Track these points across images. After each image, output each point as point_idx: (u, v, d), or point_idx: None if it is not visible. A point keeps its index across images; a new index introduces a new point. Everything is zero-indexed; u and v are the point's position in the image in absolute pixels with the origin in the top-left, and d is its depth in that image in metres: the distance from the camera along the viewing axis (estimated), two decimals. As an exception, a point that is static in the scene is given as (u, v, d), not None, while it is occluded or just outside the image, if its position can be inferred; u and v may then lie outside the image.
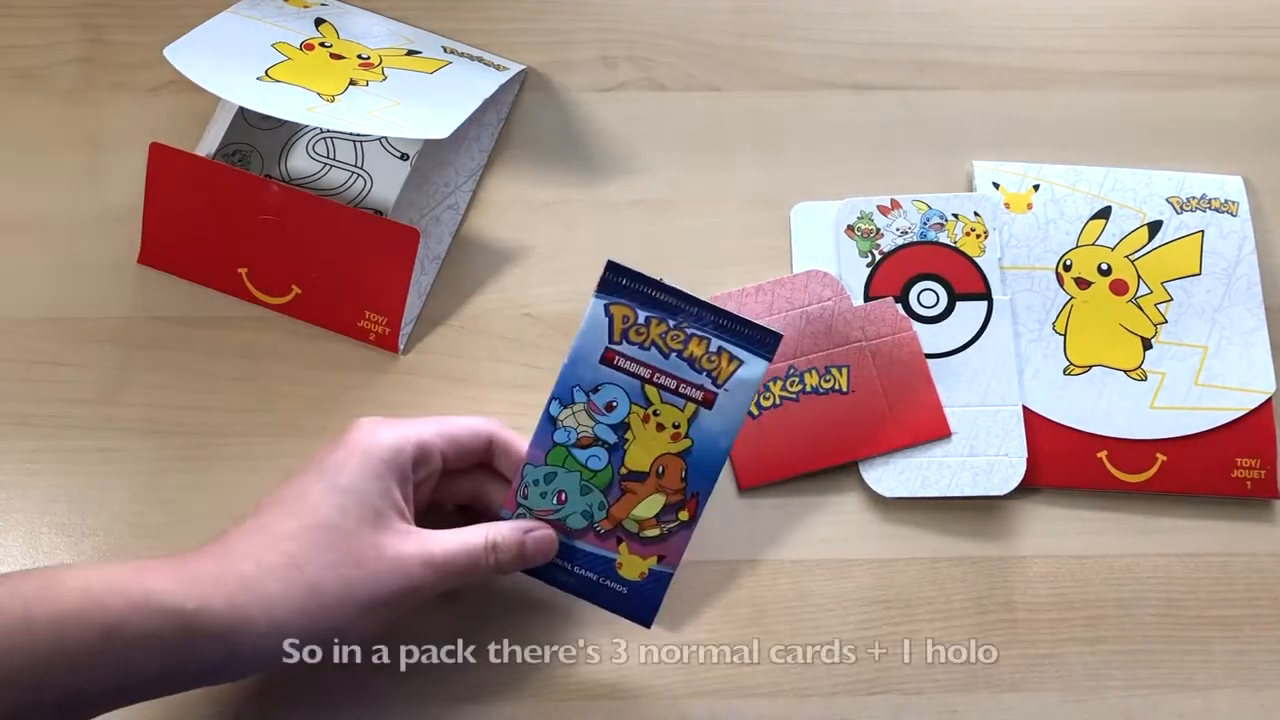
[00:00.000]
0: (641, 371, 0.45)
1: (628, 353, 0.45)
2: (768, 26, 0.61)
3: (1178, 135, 0.59)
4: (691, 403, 0.45)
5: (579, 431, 0.45)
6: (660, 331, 0.45)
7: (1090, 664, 0.51)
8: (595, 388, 0.45)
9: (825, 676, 0.50)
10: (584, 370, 0.45)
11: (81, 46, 0.59)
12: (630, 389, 0.45)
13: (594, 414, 0.45)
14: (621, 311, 0.45)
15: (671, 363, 0.45)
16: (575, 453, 0.46)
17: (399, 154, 0.57)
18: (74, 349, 0.54)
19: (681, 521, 0.46)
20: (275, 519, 0.43)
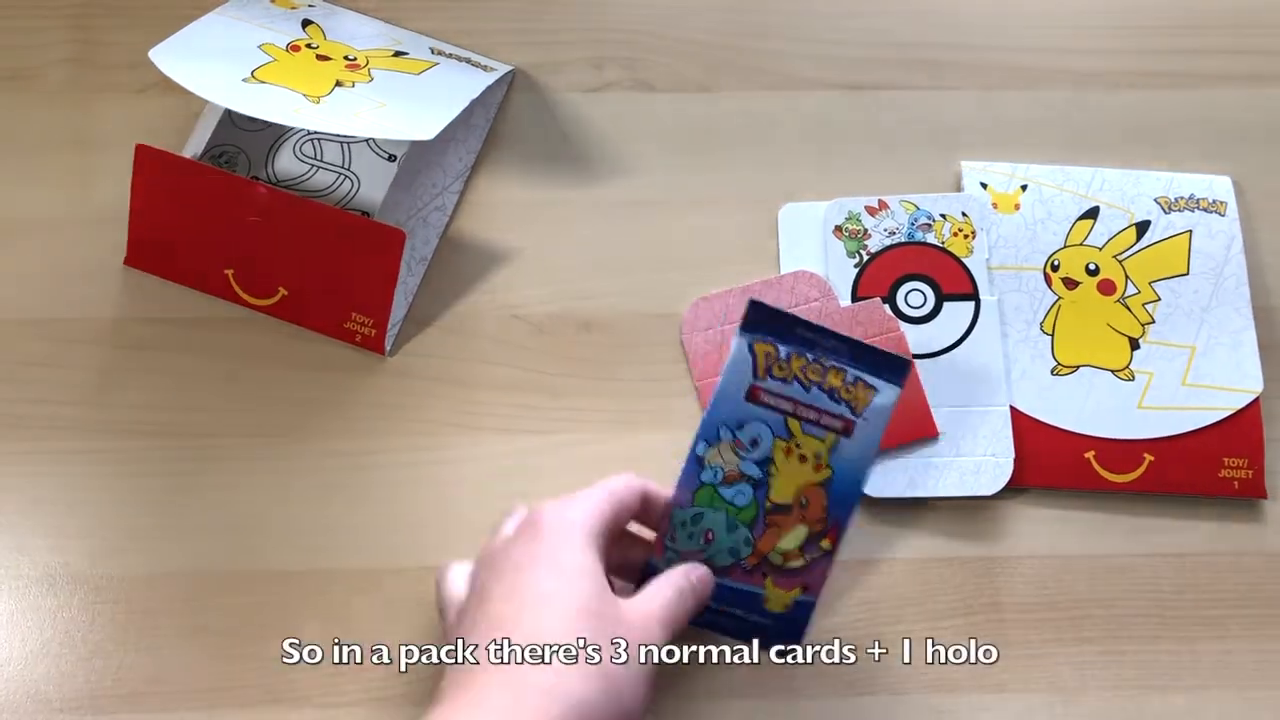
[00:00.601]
0: (785, 405, 0.46)
1: (772, 388, 0.46)
2: (756, 27, 0.61)
3: (1166, 135, 0.59)
4: (832, 433, 0.46)
5: (725, 469, 0.46)
6: (800, 365, 0.46)
7: (1077, 664, 0.50)
8: (740, 424, 0.46)
9: (814, 677, 0.50)
10: (729, 408, 0.46)
11: (69, 47, 0.59)
12: (773, 423, 0.46)
13: (739, 450, 0.46)
14: (764, 349, 0.46)
15: (813, 395, 0.46)
16: (722, 491, 0.46)
17: (386, 155, 0.57)
18: (61, 350, 0.54)
19: (824, 551, 0.46)
20: (528, 620, 0.40)
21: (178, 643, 0.50)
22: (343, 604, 0.51)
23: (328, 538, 0.52)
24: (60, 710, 0.49)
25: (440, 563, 0.46)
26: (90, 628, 0.50)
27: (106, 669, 0.50)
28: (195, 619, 0.50)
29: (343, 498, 0.52)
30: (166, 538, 0.52)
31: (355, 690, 0.49)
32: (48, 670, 0.50)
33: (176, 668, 0.50)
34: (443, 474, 0.53)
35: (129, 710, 0.49)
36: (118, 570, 0.51)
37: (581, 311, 0.56)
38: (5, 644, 0.50)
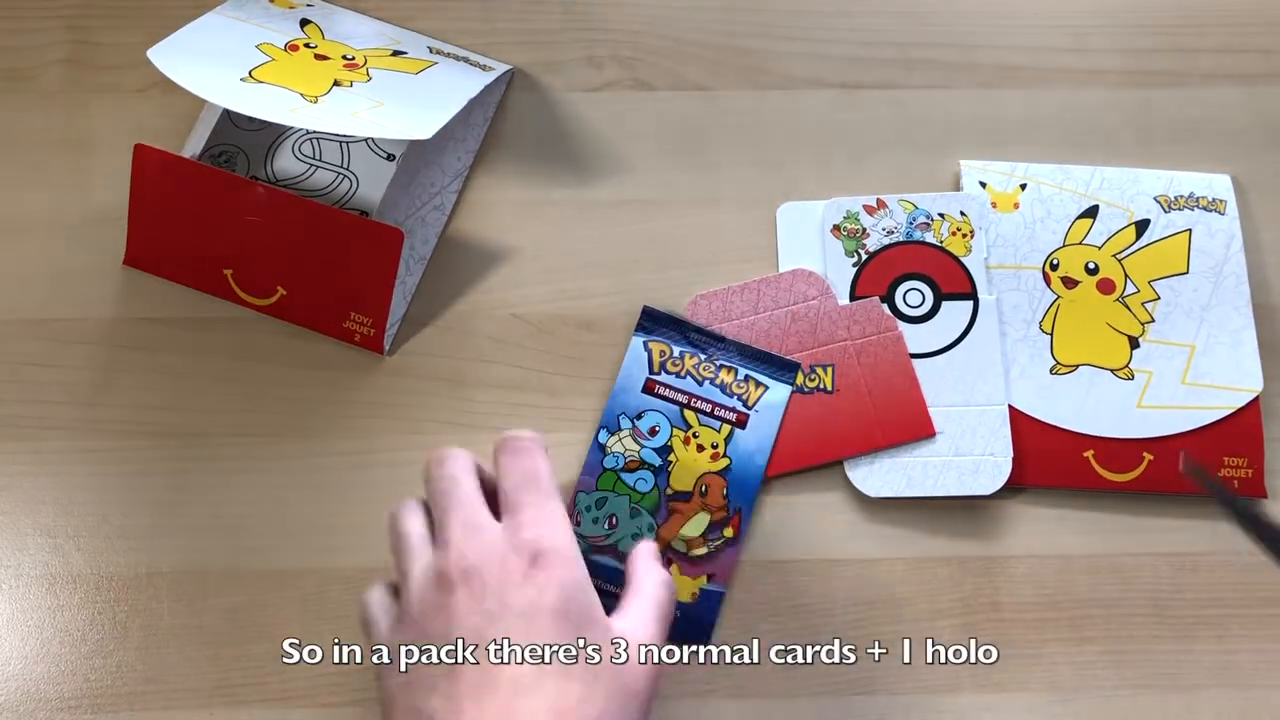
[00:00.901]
0: (680, 398, 0.51)
1: (667, 381, 0.51)
2: (754, 26, 0.61)
3: (1165, 134, 0.59)
4: (726, 424, 0.50)
5: (626, 456, 0.50)
6: (694, 364, 0.51)
7: (1076, 664, 0.50)
8: (639, 414, 0.51)
9: (812, 677, 0.50)
10: (628, 399, 0.51)
11: (67, 48, 0.59)
12: (671, 414, 0.51)
13: (639, 439, 0.50)
14: (658, 347, 0.52)
15: (706, 389, 0.51)
16: (624, 477, 0.50)
17: (385, 155, 0.57)
18: (60, 350, 0.54)
19: (727, 539, 0.49)
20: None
21: (177, 642, 0.50)
22: (342, 604, 0.51)
23: (327, 537, 0.52)
24: (60, 709, 0.49)
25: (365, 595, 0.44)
26: (89, 627, 0.50)
27: (106, 668, 0.50)
28: (194, 619, 0.50)
29: (342, 497, 0.52)
30: (166, 537, 0.52)
31: (355, 690, 0.50)
32: (47, 670, 0.50)
33: (176, 667, 0.50)
34: (441, 473, 0.53)
35: (128, 709, 0.49)
36: (117, 570, 0.51)
37: (580, 311, 0.56)
38: (5, 644, 0.50)
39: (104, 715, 0.49)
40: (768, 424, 0.50)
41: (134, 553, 0.51)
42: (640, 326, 0.52)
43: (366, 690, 0.50)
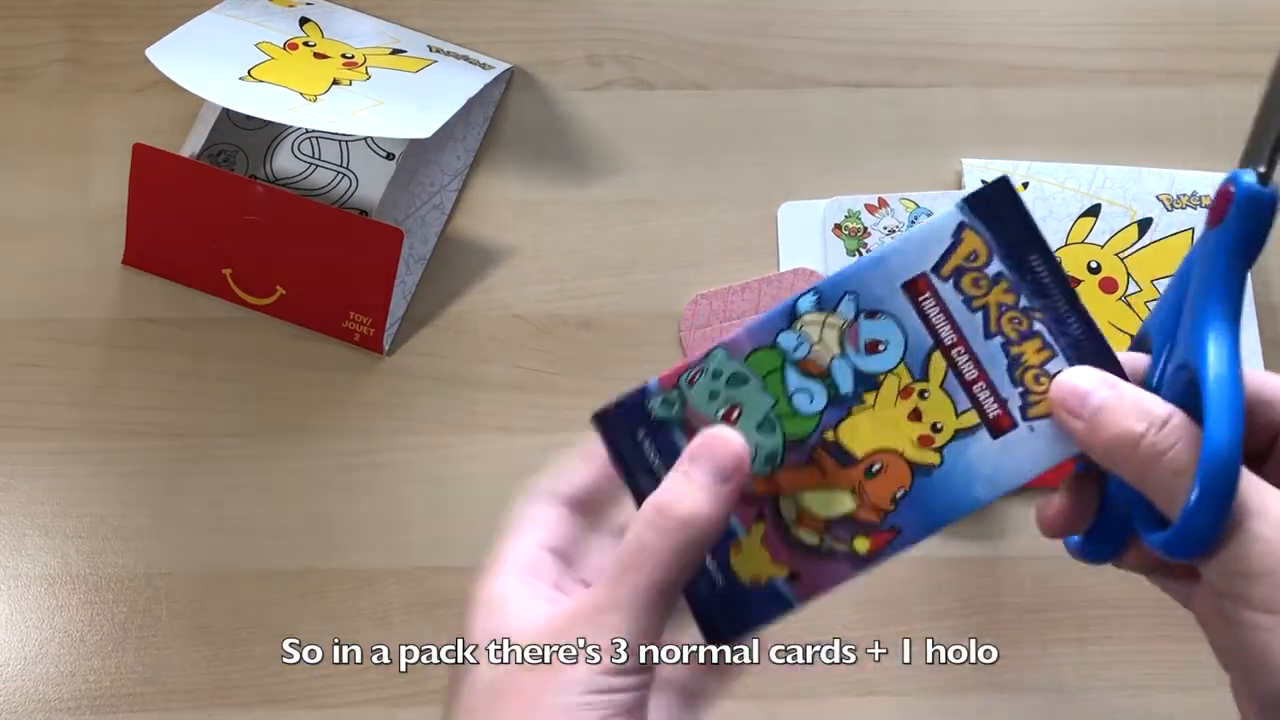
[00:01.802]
0: (945, 332, 0.32)
1: (945, 297, 0.32)
2: (755, 24, 0.61)
3: (1168, 132, 0.59)
4: (977, 412, 0.32)
5: (813, 350, 0.33)
6: (1003, 301, 0.32)
7: (1078, 664, 0.50)
8: (873, 312, 0.32)
9: (814, 678, 0.50)
10: (875, 280, 0.32)
11: (66, 47, 0.59)
12: (914, 342, 0.32)
13: (847, 342, 0.32)
14: (974, 244, 0.32)
15: (988, 346, 0.32)
16: (790, 373, 0.33)
17: (384, 154, 0.57)
18: (59, 351, 0.54)
19: (852, 551, 0.32)
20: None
21: (176, 643, 0.50)
22: (341, 604, 0.51)
23: (326, 537, 0.52)
24: (59, 710, 0.49)
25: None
26: (88, 628, 0.50)
27: (105, 669, 0.50)
28: (194, 619, 0.50)
29: (341, 497, 0.52)
30: (165, 537, 0.51)
31: (355, 690, 0.49)
32: (47, 670, 0.50)
33: (175, 668, 0.50)
34: (442, 473, 0.53)
35: (128, 710, 0.49)
36: (116, 570, 0.51)
37: (580, 310, 0.55)
38: (4, 644, 0.50)
39: (103, 716, 0.49)
40: (1030, 456, 0.32)
41: (133, 553, 0.51)
42: (976, 200, 0.32)
43: (366, 690, 0.50)
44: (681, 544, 0.30)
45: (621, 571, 0.30)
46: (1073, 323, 0.32)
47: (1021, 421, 0.32)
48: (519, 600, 0.32)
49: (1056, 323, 0.32)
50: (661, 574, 0.30)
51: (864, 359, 0.32)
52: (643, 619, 0.30)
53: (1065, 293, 0.32)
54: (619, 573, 0.30)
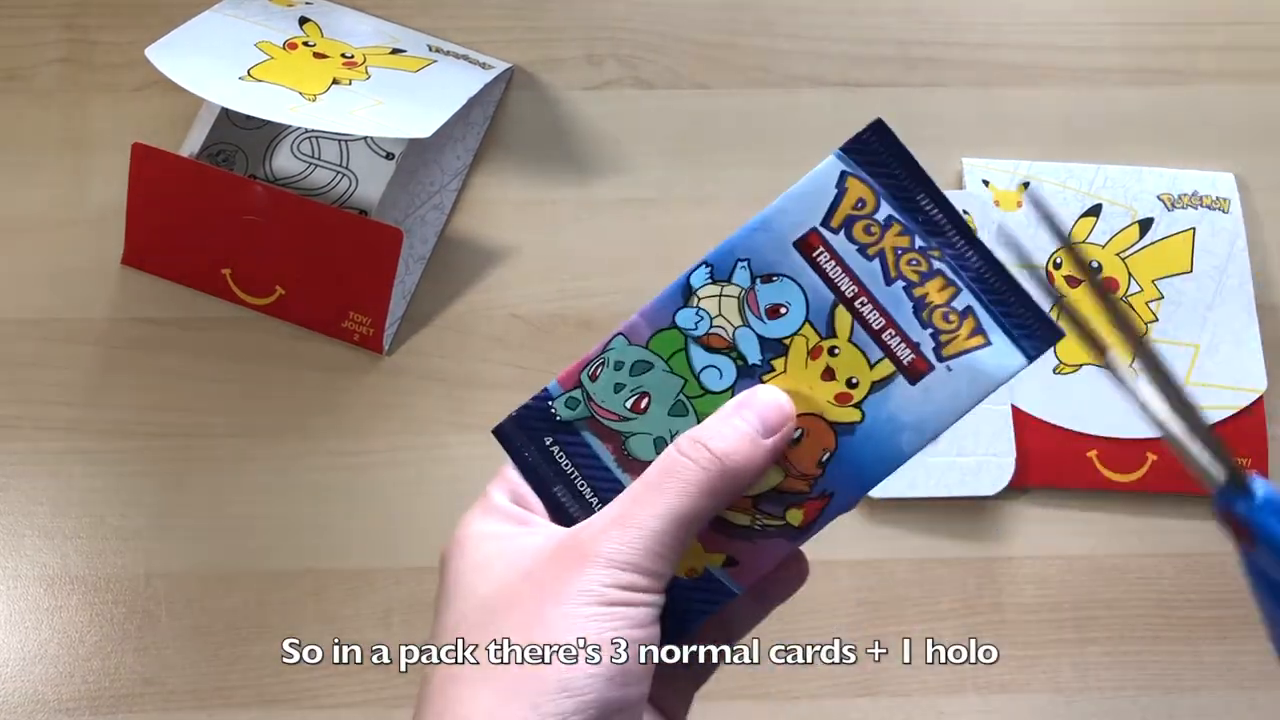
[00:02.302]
0: (845, 284, 0.30)
1: (839, 249, 0.30)
2: (755, 24, 0.61)
3: (1169, 132, 0.59)
4: (891, 361, 0.30)
5: (714, 324, 0.31)
6: (898, 245, 0.30)
7: (1078, 665, 0.50)
8: (769, 276, 0.31)
9: (814, 678, 0.50)
10: (765, 244, 0.31)
11: (65, 47, 0.59)
12: (815, 300, 0.31)
13: (748, 310, 0.31)
14: (860, 191, 0.30)
15: (891, 293, 0.30)
16: (694, 351, 0.31)
17: (384, 153, 0.57)
18: (58, 351, 0.54)
19: (786, 525, 0.31)
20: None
21: (176, 643, 0.50)
22: (341, 604, 0.51)
23: (326, 538, 0.52)
24: (58, 711, 0.49)
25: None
26: (88, 628, 0.50)
27: (104, 669, 0.49)
28: (193, 619, 0.50)
29: (341, 497, 0.52)
30: (164, 538, 0.51)
31: (355, 690, 0.49)
32: (46, 671, 0.49)
33: (175, 668, 0.49)
34: (441, 473, 0.53)
35: (127, 710, 0.49)
36: (115, 570, 0.51)
37: (580, 310, 0.55)
38: (3, 645, 0.50)
39: (102, 716, 0.49)
40: (954, 397, 0.30)
41: (132, 553, 0.51)
42: (854, 145, 0.31)
43: (366, 690, 0.49)
44: (714, 479, 0.29)
45: (646, 490, 0.29)
46: (971, 257, 0.30)
47: (938, 363, 0.30)
48: (510, 531, 0.31)
49: (956, 259, 0.30)
50: (687, 502, 0.29)
51: (767, 325, 0.31)
52: (661, 540, 0.28)
53: (959, 228, 0.30)
54: (643, 490, 0.29)
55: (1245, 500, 0.30)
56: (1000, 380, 0.30)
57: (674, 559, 0.29)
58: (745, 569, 0.31)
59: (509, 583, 0.29)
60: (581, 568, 0.28)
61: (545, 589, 0.28)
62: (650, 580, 0.28)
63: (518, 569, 0.29)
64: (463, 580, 0.30)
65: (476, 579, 0.30)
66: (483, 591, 0.29)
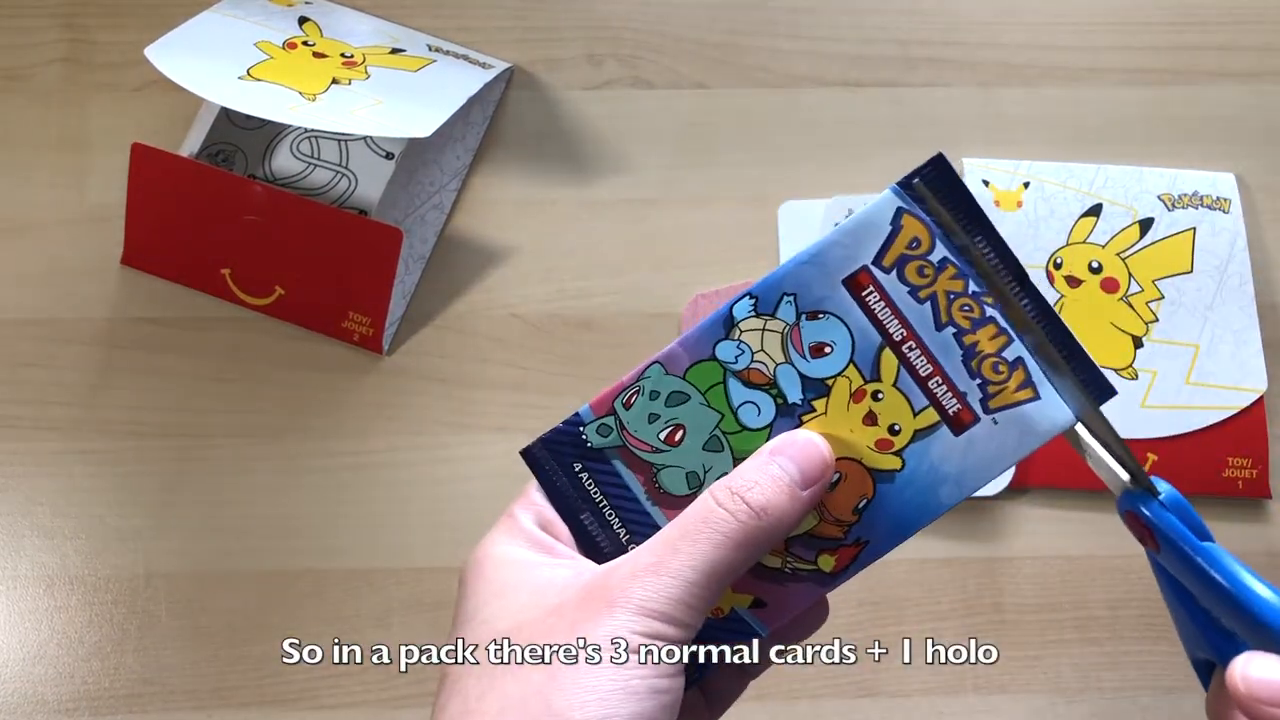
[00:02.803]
0: (893, 327, 0.29)
1: (889, 290, 0.29)
2: (755, 23, 0.61)
3: (1169, 132, 0.59)
4: (936, 410, 0.29)
5: (755, 359, 0.30)
6: (951, 289, 0.29)
7: (1079, 665, 0.50)
8: (815, 313, 0.30)
9: (813, 678, 0.50)
10: (813, 279, 0.29)
11: (64, 47, 0.59)
12: (861, 341, 0.29)
13: (791, 347, 0.30)
14: (915, 230, 0.29)
15: (941, 339, 0.29)
16: (733, 385, 0.30)
17: (384, 153, 0.57)
18: (57, 350, 0.54)
19: (818, 570, 0.30)
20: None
21: (175, 643, 0.50)
22: (341, 604, 0.51)
23: (326, 538, 0.52)
24: (58, 711, 0.49)
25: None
26: (87, 628, 0.50)
27: (104, 670, 0.49)
28: (193, 619, 0.50)
29: (340, 498, 0.52)
30: (163, 538, 0.51)
31: (355, 690, 0.49)
32: (45, 671, 0.49)
33: (175, 668, 0.49)
34: (441, 473, 0.53)
35: (126, 711, 0.49)
36: (115, 571, 0.51)
37: (580, 310, 0.55)
38: (2, 645, 0.50)
39: (102, 717, 0.49)
40: (996, 451, 0.29)
41: (132, 553, 0.51)
42: (910, 181, 0.30)
43: (366, 690, 0.49)
44: (749, 531, 0.28)
45: (681, 538, 0.28)
46: (1026, 305, 0.29)
47: (984, 415, 0.29)
48: (533, 559, 0.30)
49: (1009, 306, 0.29)
50: (723, 555, 0.28)
51: (810, 364, 0.30)
52: (693, 592, 0.28)
53: (1015, 273, 0.29)
54: (679, 537, 0.28)
55: (1149, 502, 0.30)
56: (1047, 436, 0.29)
57: (705, 610, 0.29)
58: (772, 611, 0.30)
59: (532, 618, 0.28)
60: (611, 611, 0.28)
61: (575, 630, 0.28)
62: (679, 631, 0.28)
63: (541, 604, 0.29)
64: (482, 608, 0.29)
65: (496, 608, 0.29)
66: (501, 624, 0.29)
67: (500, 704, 0.27)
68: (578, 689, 0.27)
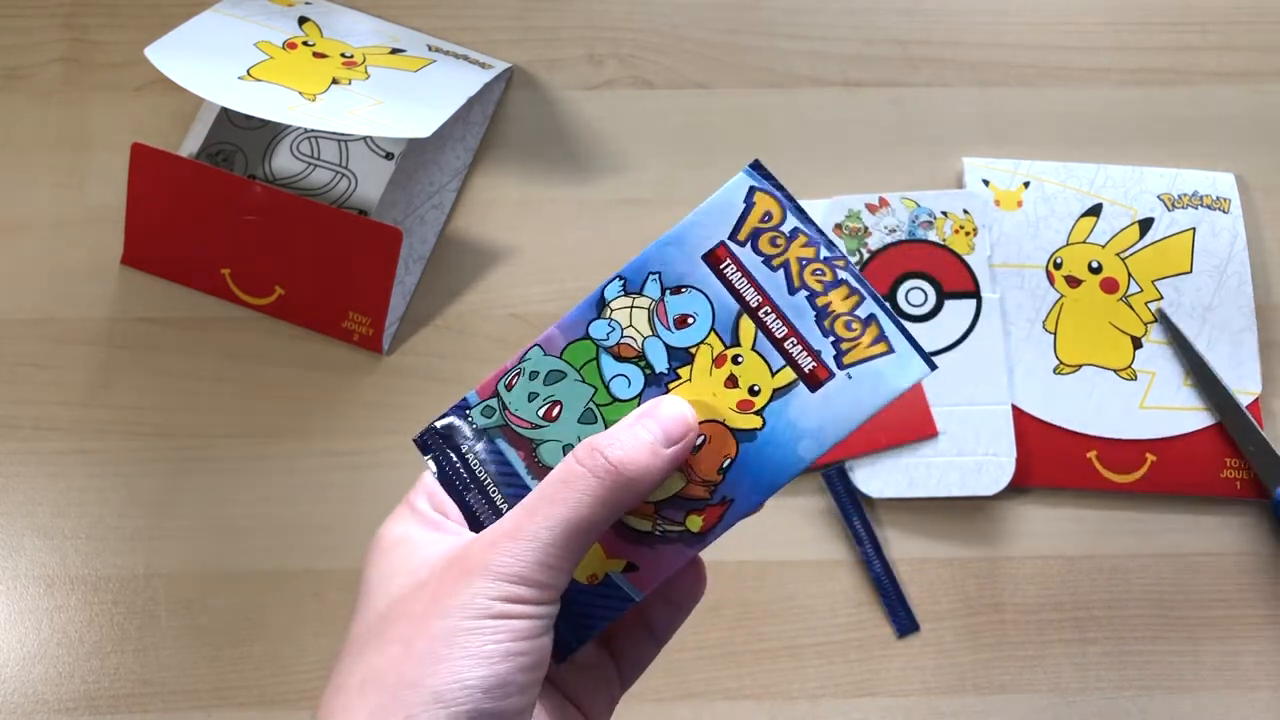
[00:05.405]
0: (749, 294, 0.31)
1: (745, 261, 0.31)
2: (755, 23, 0.61)
3: (1169, 132, 0.59)
4: (792, 369, 0.31)
5: (625, 335, 0.32)
6: (802, 255, 0.31)
7: (1079, 665, 0.50)
8: (678, 288, 0.32)
9: (813, 678, 0.50)
10: (676, 257, 0.32)
11: (64, 46, 0.59)
12: (721, 310, 0.31)
13: (657, 321, 0.32)
14: (767, 205, 0.32)
15: (794, 302, 0.31)
16: (605, 360, 0.32)
17: (384, 153, 0.57)
18: (57, 350, 0.54)
19: (686, 531, 0.31)
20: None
21: (175, 643, 0.50)
22: (341, 604, 0.50)
23: (325, 538, 0.52)
24: (58, 711, 0.49)
25: None
26: (87, 628, 0.50)
27: (104, 670, 0.49)
28: (192, 619, 0.50)
29: (340, 497, 0.52)
30: (163, 538, 0.51)
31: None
32: (45, 671, 0.49)
33: (174, 668, 0.49)
34: (441, 474, 0.53)
35: (126, 711, 0.49)
36: (114, 571, 0.51)
37: (580, 310, 0.55)
38: (2, 645, 0.50)
39: (102, 717, 0.49)
40: (854, 405, 0.30)
41: (131, 554, 0.51)
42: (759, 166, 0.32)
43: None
44: (610, 488, 0.29)
45: (540, 501, 0.29)
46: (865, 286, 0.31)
47: (839, 370, 0.31)
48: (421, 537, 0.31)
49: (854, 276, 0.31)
50: (581, 512, 0.29)
51: (675, 334, 0.32)
52: (550, 553, 0.29)
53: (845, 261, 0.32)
54: (537, 502, 0.29)
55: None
56: (901, 389, 0.30)
57: (567, 569, 0.29)
58: (645, 575, 0.31)
59: (405, 595, 0.30)
60: (469, 580, 0.29)
61: (434, 601, 0.29)
62: (539, 592, 0.29)
63: (415, 579, 0.30)
64: (370, 589, 0.31)
65: (380, 589, 0.31)
66: (380, 603, 0.30)
67: (363, 676, 0.29)
68: (432, 658, 0.28)
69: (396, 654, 0.28)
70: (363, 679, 0.29)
